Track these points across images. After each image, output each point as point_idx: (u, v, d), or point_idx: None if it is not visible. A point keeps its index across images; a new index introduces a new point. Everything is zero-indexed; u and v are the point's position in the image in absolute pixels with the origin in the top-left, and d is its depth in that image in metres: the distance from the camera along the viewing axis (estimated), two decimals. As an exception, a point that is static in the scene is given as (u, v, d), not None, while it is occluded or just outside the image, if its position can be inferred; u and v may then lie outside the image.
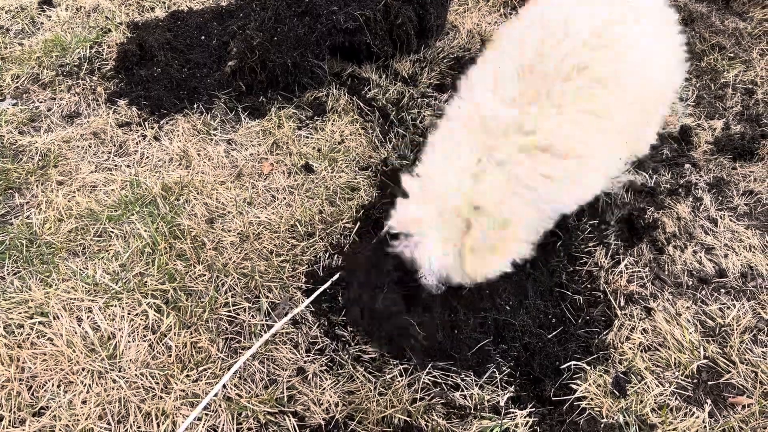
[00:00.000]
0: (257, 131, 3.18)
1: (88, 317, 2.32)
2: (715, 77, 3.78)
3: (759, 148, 3.29)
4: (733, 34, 4.12)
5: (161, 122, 3.16)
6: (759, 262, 2.77)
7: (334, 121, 3.27)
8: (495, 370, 2.29)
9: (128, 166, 2.95)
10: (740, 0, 4.44)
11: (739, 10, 4.40)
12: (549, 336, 2.41)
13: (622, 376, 2.31)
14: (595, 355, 2.36)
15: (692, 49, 3.92)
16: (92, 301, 2.37)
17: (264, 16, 3.37)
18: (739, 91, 3.70)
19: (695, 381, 2.31)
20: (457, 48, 3.88)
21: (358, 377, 2.24)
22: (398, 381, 2.23)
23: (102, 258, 2.54)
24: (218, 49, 3.47)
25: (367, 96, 3.44)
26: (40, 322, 2.28)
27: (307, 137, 3.18)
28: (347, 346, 2.33)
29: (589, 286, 2.65)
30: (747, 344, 2.43)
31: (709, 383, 2.30)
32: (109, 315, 2.33)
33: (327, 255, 2.62)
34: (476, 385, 2.25)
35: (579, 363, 2.33)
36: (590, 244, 2.77)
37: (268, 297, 2.45)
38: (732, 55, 3.96)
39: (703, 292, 2.64)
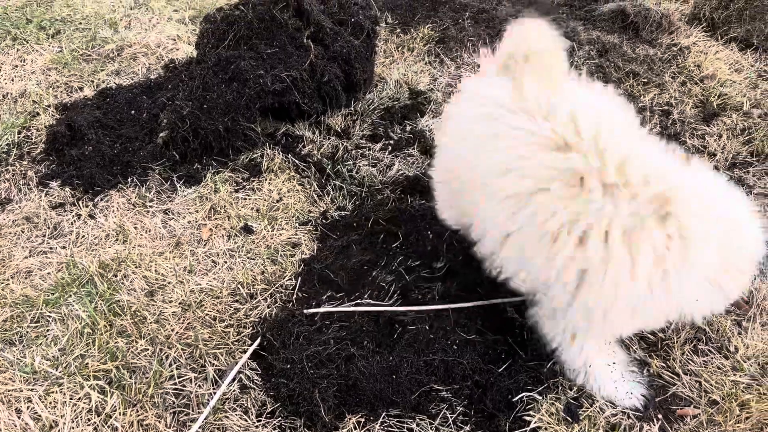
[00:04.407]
0: (194, 198, 3.18)
1: (28, 408, 2.24)
2: (632, 102, 3.97)
3: (680, 165, 3.44)
4: (645, 61, 4.35)
5: (95, 200, 3.13)
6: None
7: (270, 180, 3.30)
8: (447, 411, 2.29)
9: (63, 247, 2.90)
10: (648, 28, 4.70)
11: (649, 38, 4.66)
12: (499, 370, 2.43)
13: (573, 402, 2.34)
14: (546, 384, 2.39)
15: (609, 77, 4.11)
16: (31, 390, 2.29)
17: (192, 85, 3.42)
18: (657, 113, 3.89)
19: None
20: (386, 98, 3.98)
21: (311, 436, 2.21)
22: (352, 434, 2.21)
23: (40, 344, 2.47)
24: (149, 122, 3.49)
25: (302, 153, 3.49)
26: (-24, 419, 2.19)
27: (245, 199, 3.20)
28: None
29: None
30: (688, 355, 2.49)
31: (657, 398, 2.34)
32: (51, 402, 2.26)
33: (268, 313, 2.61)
34: (432, 428, 2.25)
35: (531, 393, 2.35)
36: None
37: (214, 365, 2.41)
38: (646, 80, 4.17)
39: (643, 309, 2.71)
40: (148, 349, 2.45)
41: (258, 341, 2.48)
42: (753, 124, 3.79)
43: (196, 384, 2.35)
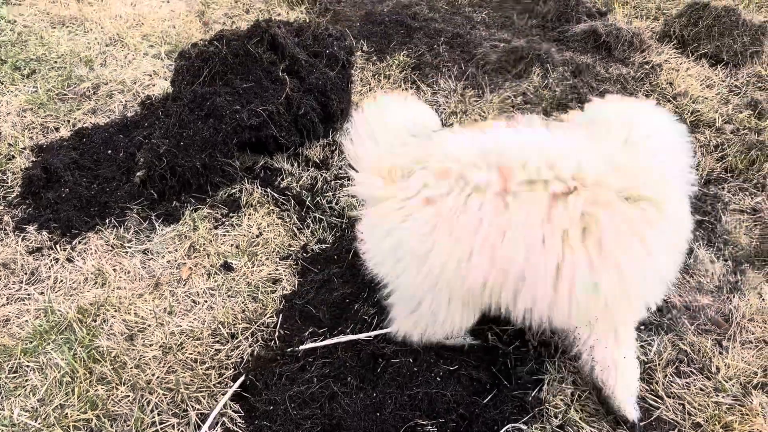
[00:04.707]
0: (172, 237, 3.16)
1: (6, 462, 2.21)
2: (607, 122, 4.01)
3: (656, 184, 3.48)
4: (618, 80, 4.41)
5: (73, 243, 3.11)
6: (671, 293, 2.88)
7: (249, 215, 3.29)
8: (433, 446, 2.28)
9: (41, 293, 2.87)
10: (620, 48, 4.77)
11: (621, 57, 4.73)
12: (484, 401, 2.42)
13: (558, 430, 2.33)
14: (531, 413, 2.38)
15: (583, 98, 4.16)
16: (10, 443, 2.26)
17: (168, 123, 3.42)
18: (632, 133, 3.92)
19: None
20: (364, 127, 3.99)
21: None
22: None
23: (19, 395, 2.44)
24: (126, 161, 3.48)
25: (281, 186, 3.49)
26: (-47, 477, 2.15)
27: (224, 235, 3.19)
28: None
29: (518, 343, 2.69)
30: (671, 377, 2.50)
31: (642, 423, 2.34)
32: (30, 456, 2.23)
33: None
34: (417, 464, 2.23)
35: (516, 424, 2.34)
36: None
37: (196, 408, 2.39)
38: (620, 99, 4.22)
39: (625, 332, 2.72)
40: (128, 396, 2.42)
41: (239, 382, 2.45)
42: (726, 140, 3.84)
43: (178, 429, 2.33)
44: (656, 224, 1.97)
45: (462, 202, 1.98)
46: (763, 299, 2.85)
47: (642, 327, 2.73)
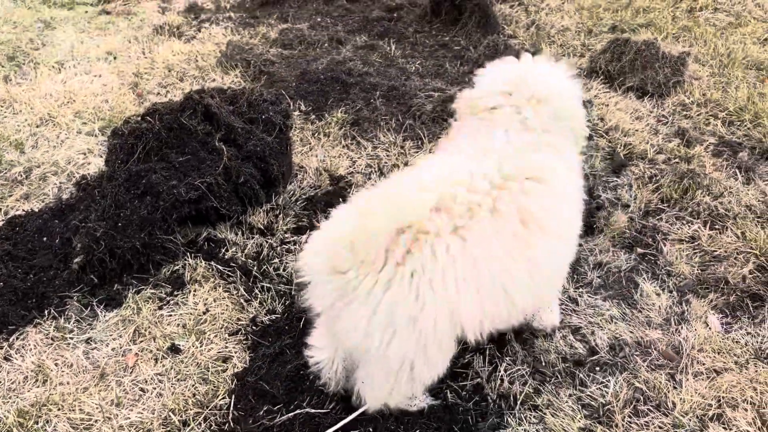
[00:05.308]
0: (116, 322, 3.06)
1: None
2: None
3: (596, 221, 3.56)
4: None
5: (11, 339, 2.97)
6: (622, 331, 2.92)
7: (195, 291, 3.21)
8: None
9: (-23, 398, 2.72)
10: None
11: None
12: (447, 464, 2.38)
13: (524, 487, 2.30)
14: (495, 472, 2.35)
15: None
16: None
17: (104, 204, 3.34)
18: (569, 171, 4.02)
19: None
20: (307, 188, 3.99)
21: None
22: None
23: None
24: (63, 248, 3.37)
25: (226, 257, 3.43)
26: None
27: (170, 315, 3.10)
28: None
29: (477, 398, 2.67)
30: (629, 418, 2.51)
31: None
32: None
33: (207, 441, 2.49)
34: None
35: (481, 484, 2.30)
36: (467, 355, 2.82)
37: (149, 508, 2.27)
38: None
39: (581, 375, 2.73)
40: (75, 503, 2.29)
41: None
42: (659, 171, 3.96)
43: None
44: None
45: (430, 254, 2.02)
46: (709, 328, 2.90)
47: (597, 369, 2.75)
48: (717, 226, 3.54)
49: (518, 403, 2.61)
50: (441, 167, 2.29)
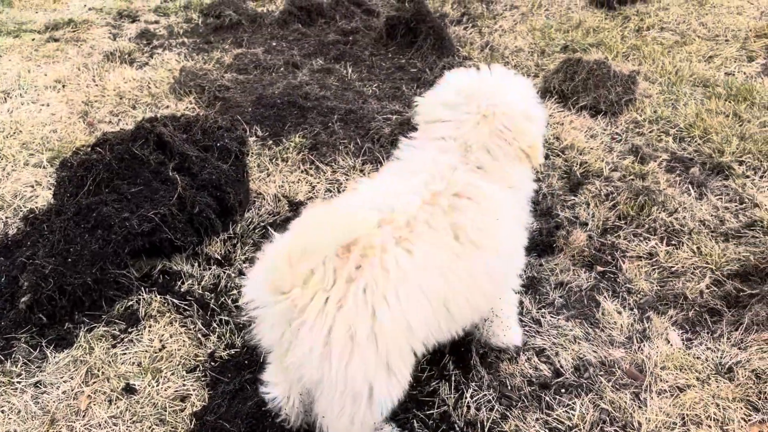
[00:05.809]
0: (67, 363, 2.92)
1: None
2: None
3: (556, 240, 3.57)
4: (508, 140, 4.56)
5: (-48, 386, 2.81)
6: (586, 351, 2.92)
7: (150, 327, 3.10)
8: None
9: None
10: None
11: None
12: (415, 498, 2.32)
13: None
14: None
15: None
16: None
17: (53, 239, 3.21)
18: (527, 191, 4.04)
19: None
20: (266, 215, 3.92)
21: None
22: None
23: None
24: (9, 287, 3.22)
25: (182, 290, 3.33)
26: None
27: (124, 353, 2.98)
28: None
29: (444, 426, 2.62)
30: (597, 442, 2.49)
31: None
32: None
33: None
34: None
35: None
36: (432, 383, 2.77)
37: None
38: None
39: (547, 398, 2.71)
40: None
41: None
42: (615, 188, 4.02)
43: None
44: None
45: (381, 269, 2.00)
46: (670, 344, 2.93)
47: (563, 391, 2.73)
48: (673, 242, 3.59)
49: (485, 430, 2.57)
50: (378, 186, 2.32)
